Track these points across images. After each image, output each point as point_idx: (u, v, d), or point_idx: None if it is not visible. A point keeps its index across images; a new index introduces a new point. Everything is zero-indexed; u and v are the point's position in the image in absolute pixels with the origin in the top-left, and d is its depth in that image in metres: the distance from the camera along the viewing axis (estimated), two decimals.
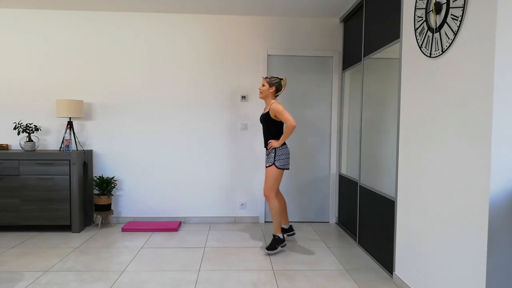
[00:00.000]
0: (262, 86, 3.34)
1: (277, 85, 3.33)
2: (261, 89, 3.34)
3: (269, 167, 3.26)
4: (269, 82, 3.33)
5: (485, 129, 1.77)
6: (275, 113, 3.21)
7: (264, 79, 3.36)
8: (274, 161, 3.24)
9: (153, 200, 4.24)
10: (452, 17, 2.02)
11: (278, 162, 3.24)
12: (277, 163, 3.23)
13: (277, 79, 3.34)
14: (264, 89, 3.33)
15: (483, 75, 1.78)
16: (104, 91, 4.14)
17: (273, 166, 3.24)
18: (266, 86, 3.33)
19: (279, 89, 3.36)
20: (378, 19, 3.15)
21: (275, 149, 3.25)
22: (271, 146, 3.26)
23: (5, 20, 4.04)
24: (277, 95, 3.38)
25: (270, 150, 3.29)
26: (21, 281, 2.63)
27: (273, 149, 3.26)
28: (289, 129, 3.14)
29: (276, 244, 3.26)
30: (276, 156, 3.24)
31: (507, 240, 1.75)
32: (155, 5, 3.90)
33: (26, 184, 3.71)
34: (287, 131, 3.16)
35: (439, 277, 2.15)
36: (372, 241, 3.19)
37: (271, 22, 4.22)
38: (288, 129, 3.15)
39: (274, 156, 3.25)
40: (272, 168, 3.24)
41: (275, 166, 3.24)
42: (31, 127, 3.90)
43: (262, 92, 3.34)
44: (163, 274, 2.79)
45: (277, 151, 3.25)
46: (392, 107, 2.88)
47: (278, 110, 3.18)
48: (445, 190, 2.10)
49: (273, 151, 3.26)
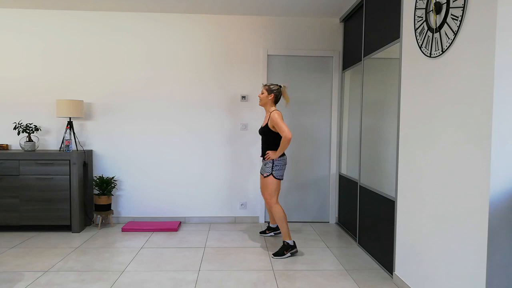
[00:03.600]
0: (261, 93, 3.33)
1: (276, 92, 3.30)
2: (260, 96, 3.33)
3: (267, 177, 3.23)
4: (268, 89, 3.31)
5: (485, 129, 1.76)
6: (273, 123, 3.17)
7: (264, 87, 3.34)
8: (272, 171, 3.22)
9: (153, 200, 4.24)
10: (452, 17, 2.02)
11: (276, 172, 3.22)
12: (274, 173, 3.22)
13: (276, 86, 3.32)
14: (263, 96, 3.32)
15: (483, 75, 1.78)
16: (104, 91, 4.14)
17: (271, 176, 3.22)
18: (265, 93, 3.31)
19: (278, 97, 3.34)
20: (378, 19, 3.15)
21: (272, 160, 3.23)
22: (268, 157, 3.23)
23: (5, 20, 4.04)
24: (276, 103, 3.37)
25: (267, 160, 3.26)
26: (21, 281, 2.63)
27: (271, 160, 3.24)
28: (285, 142, 3.09)
29: (285, 250, 3.16)
30: (274, 166, 3.22)
31: (507, 240, 1.75)
32: (155, 5, 3.90)
33: (26, 184, 3.71)
34: (283, 144, 3.11)
35: (439, 277, 2.15)
36: (372, 241, 3.19)
37: (271, 22, 4.22)
38: (284, 142, 3.10)
39: (272, 167, 3.22)
40: (271, 178, 3.22)
41: (273, 176, 3.22)
42: (31, 127, 3.90)
43: (261, 100, 3.33)
44: (163, 274, 2.79)
45: (275, 161, 3.22)
46: (392, 107, 2.88)
47: (276, 121, 3.13)
48: (445, 190, 2.10)
49: (270, 162, 3.23)
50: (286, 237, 3.20)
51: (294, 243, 3.22)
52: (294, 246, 3.21)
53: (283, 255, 3.15)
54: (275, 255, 3.15)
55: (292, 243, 3.20)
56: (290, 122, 4.30)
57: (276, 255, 3.15)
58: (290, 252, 3.19)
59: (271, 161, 3.23)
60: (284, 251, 3.17)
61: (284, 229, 3.20)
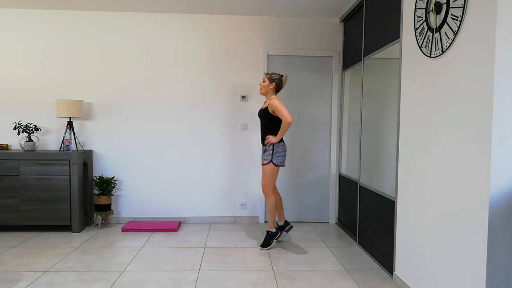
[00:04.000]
0: (263, 82, 3.36)
1: (277, 81, 3.34)
2: (262, 84, 3.36)
3: (266, 164, 3.26)
4: (269, 78, 3.34)
5: (485, 129, 1.76)
6: (273, 108, 3.22)
7: (265, 75, 3.37)
8: (272, 158, 3.24)
9: (153, 200, 4.24)
10: (452, 17, 2.02)
11: (276, 159, 3.25)
12: (274, 160, 3.24)
13: (277, 75, 3.35)
14: (264, 84, 3.34)
15: (483, 75, 1.78)
16: (104, 91, 4.14)
17: (271, 163, 3.24)
18: (266, 82, 3.34)
19: (280, 86, 3.37)
20: (378, 19, 3.15)
21: (272, 145, 3.25)
22: (269, 141, 3.26)
23: (5, 20, 4.04)
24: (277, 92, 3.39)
25: (267, 147, 3.29)
26: (21, 281, 2.63)
27: (271, 145, 3.26)
28: (285, 125, 3.15)
29: (270, 239, 3.27)
30: (274, 153, 3.25)
31: (507, 240, 1.75)
32: (155, 5, 3.90)
33: (26, 184, 3.71)
34: (283, 127, 3.17)
35: (439, 277, 2.15)
36: (372, 241, 3.19)
37: (271, 22, 4.22)
38: (284, 125, 3.15)
39: (272, 154, 3.25)
40: (270, 165, 3.25)
41: (272, 163, 3.24)
42: (31, 127, 3.90)
43: (262, 88, 3.36)
44: (163, 274, 2.79)
45: (275, 147, 3.25)
46: (392, 107, 2.88)
47: (276, 106, 3.18)
48: (445, 190, 2.10)
49: (270, 148, 3.26)
50: (271, 226, 3.33)
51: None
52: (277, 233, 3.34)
53: (269, 244, 3.27)
54: (262, 247, 3.25)
55: (275, 230, 3.34)
56: None
57: (263, 246, 3.25)
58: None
59: (271, 147, 3.25)
60: (270, 239, 3.29)
61: (271, 218, 3.32)
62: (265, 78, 3.35)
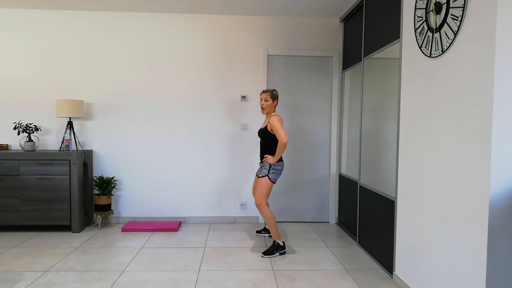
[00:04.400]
0: (265, 101, 3.28)
1: (277, 97, 3.36)
2: (265, 104, 3.28)
3: (262, 177, 3.25)
4: (271, 96, 3.30)
5: (485, 129, 1.76)
6: (271, 127, 3.19)
7: (266, 94, 3.29)
8: (268, 173, 3.23)
9: (153, 200, 4.24)
10: (452, 17, 2.02)
11: (272, 175, 3.23)
12: (270, 176, 3.23)
13: (275, 91, 3.35)
14: (268, 104, 3.29)
15: (483, 75, 1.78)
16: (104, 91, 4.14)
17: (266, 177, 3.23)
18: (269, 101, 3.29)
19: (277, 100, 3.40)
20: (378, 19, 3.15)
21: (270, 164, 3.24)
22: (266, 161, 3.24)
23: (5, 20, 4.04)
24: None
25: (265, 165, 3.27)
26: (21, 281, 2.63)
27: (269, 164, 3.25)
28: (281, 146, 3.11)
29: (275, 250, 3.21)
30: (271, 169, 3.23)
31: (507, 240, 1.75)
32: (155, 5, 3.90)
33: (26, 184, 3.71)
34: (279, 148, 3.13)
35: (439, 277, 2.15)
36: (372, 241, 3.19)
37: (271, 22, 4.22)
38: (280, 146, 3.11)
39: (269, 169, 3.23)
40: (265, 179, 3.23)
41: (268, 178, 3.23)
42: (31, 127, 3.90)
43: (267, 108, 3.29)
44: (163, 274, 2.79)
45: (272, 166, 3.24)
46: (392, 107, 2.88)
47: (275, 125, 3.14)
48: (445, 190, 2.10)
49: (268, 165, 3.25)
50: (276, 237, 3.25)
51: (283, 243, 3.27)
52: (284, 247, 3.26)
53: (273, 254, 3.21)
54: (264, 254, 3.19)
55: (282, 244, 3.25)
56: (290, 122, 4.30)
57: (266, 253, 3.19)
58: (279, 252, 3.23)
59: (269, 165, 3.24)
60: (274, 250, 3.22)
61: (273, 230, 3.24)
62: (267, 97, 3.28)
